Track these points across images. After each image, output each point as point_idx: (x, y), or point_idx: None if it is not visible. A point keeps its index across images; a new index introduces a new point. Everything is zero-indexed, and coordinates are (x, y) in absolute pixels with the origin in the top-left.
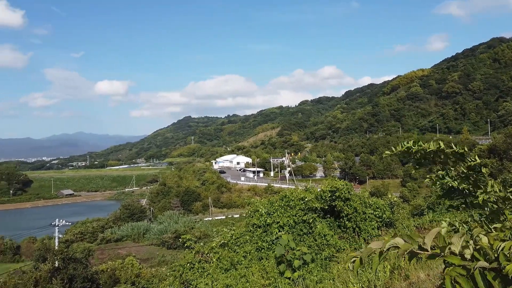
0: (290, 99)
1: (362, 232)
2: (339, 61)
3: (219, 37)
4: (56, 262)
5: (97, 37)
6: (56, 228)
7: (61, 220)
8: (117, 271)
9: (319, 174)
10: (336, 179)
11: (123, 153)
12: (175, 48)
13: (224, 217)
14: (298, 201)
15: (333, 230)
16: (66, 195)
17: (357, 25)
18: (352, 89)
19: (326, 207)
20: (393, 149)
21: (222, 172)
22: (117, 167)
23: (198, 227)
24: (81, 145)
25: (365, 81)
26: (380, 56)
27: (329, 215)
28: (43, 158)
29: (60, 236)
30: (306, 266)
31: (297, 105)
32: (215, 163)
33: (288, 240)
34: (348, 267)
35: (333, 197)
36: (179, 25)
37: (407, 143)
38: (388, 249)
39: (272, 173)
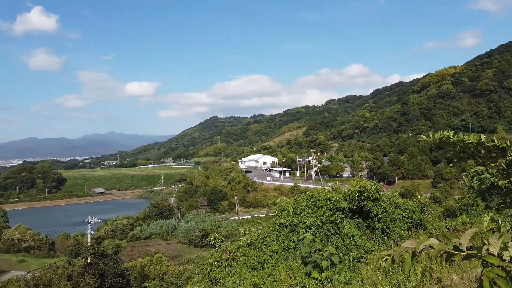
0: (316, 98)
1: (391, 234)
2: (366, 59)
3: (245, 37)
4: (89, 258)
5: (127, 40)
6: (89, 225)
7: (93, 218)
8: (146, 267)
9: (346, 174)
10: (364, 179)
11: (152, 152)
12: (202, 49)
13: (250, 216)
14: (325, 201)
15: (361, 231)
16: (98, 193)
17: (384, 22)
18: (380, 87)
19: (354, 207)
20: (430, 135)
21: (248, 171)
22: (146, 166)
23: (224, 226)
24: (112, 144)
25: (394, 79)
26: (409, 53)
27: (357, 216)
28: (77, 158)
29: (92, 233)
30: (333, 267)
31: (323, 104)
32: (241, 162)
33: (315, 241)
34: (380, 265)
35: (362, 197)
36: (206, 26)
37: (445, 132)
38: (422, 250)
39: (298, 173)
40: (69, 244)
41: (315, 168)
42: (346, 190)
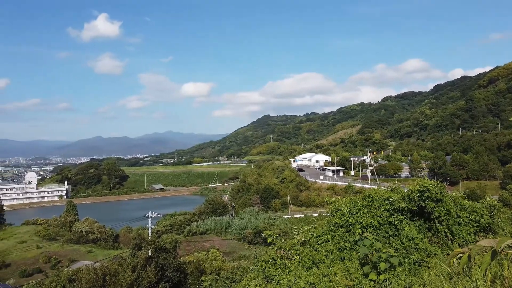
0: (371, 95)
1: (455, 237)
2: (425, 53)
3: (297, 35)
4: (149, 251)
5: (184, 42)
6: (149, 219)
7: (153, 213)
8: (202, 262)
9: (405, 174)
10: (426, 179)
11: (207, 150)
12: (254, 49)
13: (303, 215)
14: (383, 201)
15: (422, 233)
16: (157, 189)
17: (444, 13)
18: (442, 82)
19: (415, 208)
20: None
21: (300, 170)
22: (201, 164)
23: (277, 224)
24: (169, 143)
25: (457, 73)
26: (473, 46)
27: (417, 217)
28: (138, 155)
29: (152, 227)
30: (393, 269)
31: (379, 101)
32: (294, 161)
33: (373, 242)
34: (451, 263)
35: (423, 198)
36: (258, 25)
37: None
38: (502, 249)
39: (352, 172)
40: (131, 237)
41: (371, 168)
42: (405, 191)
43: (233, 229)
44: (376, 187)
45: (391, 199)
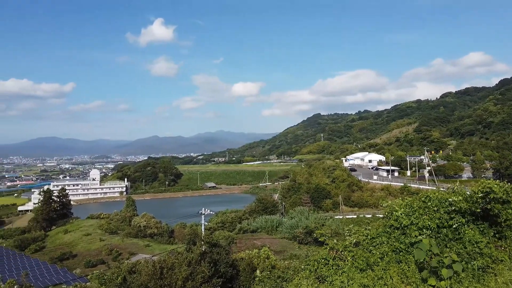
0: (428, 91)
1: None
2: (488, 46)
3: (347, 31)
4: (203, 247)
5: (234, 43)
6: (203, 216)
7: (206, 210)
8: (254, 260)
9: (466, 174)
10: (491, 180)
11: (257, 149)
12: (303, 47)
13: (355, 216)
14: (443, 202)
15: (487, 237)
16: (209, 187)
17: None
18: (509, 77)
19: (478, 211)
20: None
21: (352, 170)
22: (252, 163)
23: (328, 225)
24: (221, 142)
25: None
26: None
27: (481, 221)
28: (191, 154)
29: (205, 223)
30: (455, 275)
31: (437, 98)
32: (345, 160)
33: (431, 245)
34: None
35: (487, 200)
36: (306, 23)
37: None
38: None
39: (408, 173)
40: (185, 232)
41: (429, 168)
42: (468, 192)
43: (283, 228)
44: (435, 188)
45: (452, 201)
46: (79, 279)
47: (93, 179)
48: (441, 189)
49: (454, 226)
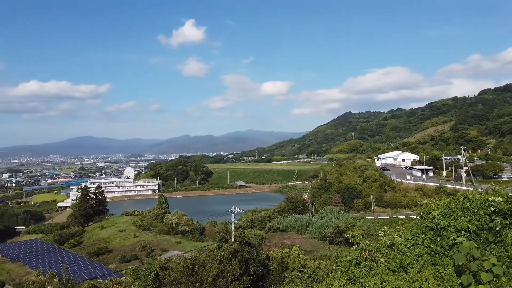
0: (465, 88)
1: None
2: None
3: (379, 27)
4: (234, 245)
5: (263, 43)
6: (233, 214)
7: (236, 208)
8: (284, 259)
9: (507, 175)
10: None
11: (286, 148)
12: (332, 45)
13: (387, 217)
14: (482, 203)
15: None
16: (239, 186)
17: None
18: None
19: None
20: None
21: (385, 169)
22: (281, 162)
23: (360, 225)
24: (250, 141)
25: None
26: None
27: None
28: (221, 153)
29: (236, 222)
30: (495, 279)
31: (475, 95)
32: (377, 160)
33: (471, 248)
34: None
35: None
36: (336, 21)
37: None
38: None
39: (444, 173)
40: (216, 230)
41: (466, 168)
42: (510, 193)
43: (313, 227)
44: (472, 188)
45: (492, 202)
46: (114, 273)
47: (127, 177)
48: (480, 189)
49: (497, 229)
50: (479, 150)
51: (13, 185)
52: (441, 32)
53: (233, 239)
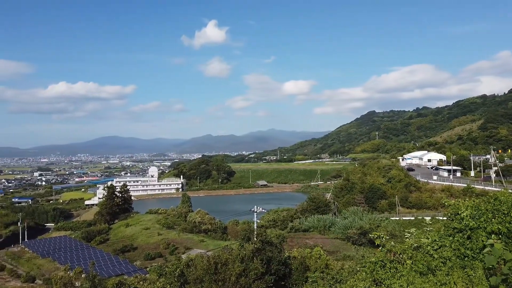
0: (494, 86)
1: None
2: None
3: (402, 23)
4: (256, 244)
5: (285, 42)
6: (255, 214)
7: (258, 207)
8: (306, 259)
9: None
10: None
11: (309, 148)
12: (355, 43)
13: (413, 218)
14: None
15: None
16: (261, 185)
17: None
18: None
19: None
20: None
21: (410, 169)
22: (303, 161)
23: (384, 226)
24: (272, 141)
25: None
26: None
27: None
28: (243, 152)
29: (258, 221)
30: None
31: (505, 92)
32: (402, 159)
33: (503, 251)
34: None
35: None
36: (358, 18)
37: None
38: None
39: (472, 173)
40: (238, 229)
41: (495, 168)
42: None
43: (336, 228)
44: (503, 189)
45: None
46: (139, 270)
47: (152, 176)
48: (510, 190)
49: None
50: (509, 150)
51: (43, 183)
52: (468, 28)
53: (255, 238)
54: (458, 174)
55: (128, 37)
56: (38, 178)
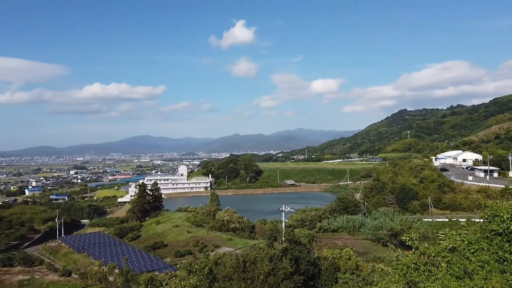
0: None
1: None
2: None
3: (435, 19)
4: (284, 244)
5: (313, 40)
6: (283, 213)
7: (286, 207)
8: (336, 260)
9: None
10: None
11: (337, 147)
12: (385, 41)
13: (446, 219)
14: None
15: None
16: (289, 184)
17: None
18: None
19: None
20: None
21: (444, 169)
22: (332, 161)
23: (416, 227)
24: (300, 140)
25: None
26: None
27: None
28: (271, 151)
29: (286, 220)
30: None
31: None
32: (435, 159)
33: None
34: None
35: None
36: (387, 14)
37: None
38: None
39: (510, 173)
40: (266, 229)
41: None
42: None
43: (366, 229)
44: None
45: None
46: (170, 267)
47: (181, 175)
48: None
49: None
50: None
51: (79, 181)
52: (504, 22)
53: (283, 238)
54: (496, 174)
55: (158, 39)
56: (74, 176)
